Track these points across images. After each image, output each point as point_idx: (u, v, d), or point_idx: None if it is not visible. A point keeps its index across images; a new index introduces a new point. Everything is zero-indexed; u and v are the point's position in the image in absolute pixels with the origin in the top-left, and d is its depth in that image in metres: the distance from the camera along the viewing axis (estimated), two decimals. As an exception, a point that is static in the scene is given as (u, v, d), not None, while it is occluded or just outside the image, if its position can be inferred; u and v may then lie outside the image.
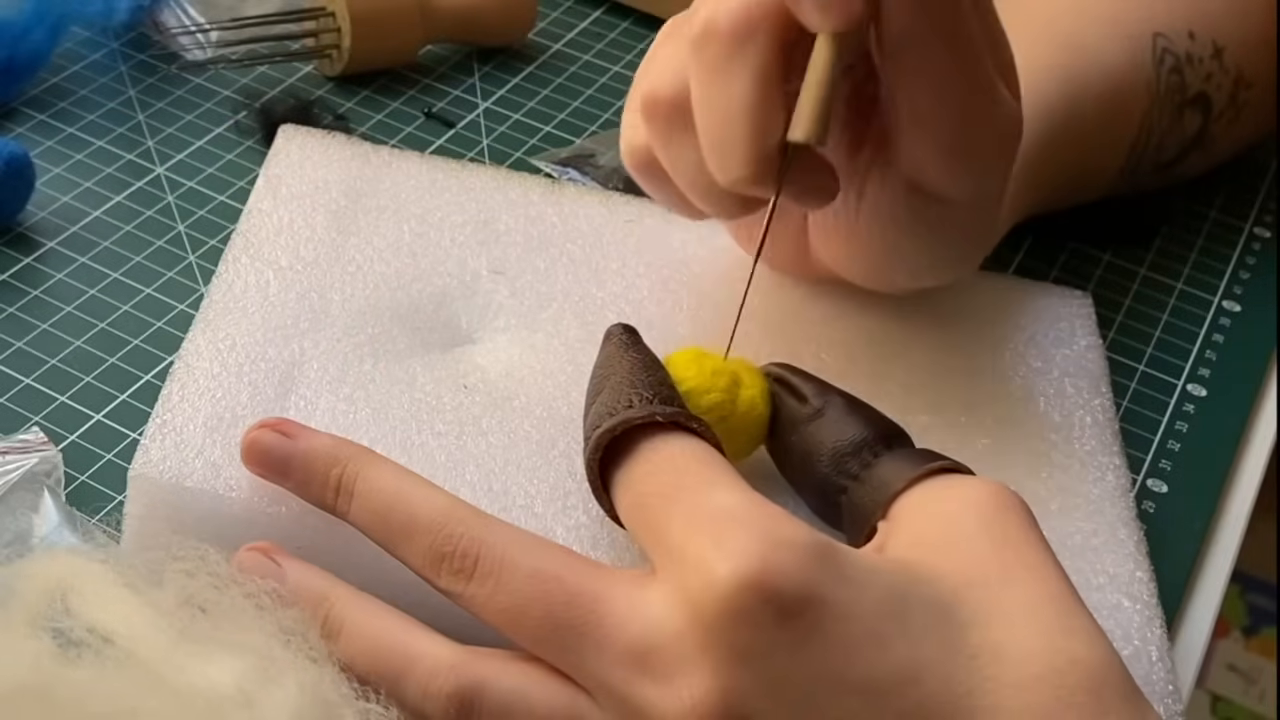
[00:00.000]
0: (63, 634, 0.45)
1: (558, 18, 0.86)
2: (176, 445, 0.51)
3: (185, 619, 0.45)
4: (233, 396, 0.53)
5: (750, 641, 0.41)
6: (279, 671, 0.44)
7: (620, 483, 0.47)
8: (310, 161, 0.63)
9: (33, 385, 0.61)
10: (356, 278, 0.58)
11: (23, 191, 0.67)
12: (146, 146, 0.73)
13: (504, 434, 0.53)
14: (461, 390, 0.55)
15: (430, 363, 0.56)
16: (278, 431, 0.49)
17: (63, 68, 0.77)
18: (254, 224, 0.60)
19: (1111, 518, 0.55)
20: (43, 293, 0.65)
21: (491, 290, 0.59)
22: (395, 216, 0.62)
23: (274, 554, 0.47)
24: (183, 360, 0.54)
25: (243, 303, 0.56)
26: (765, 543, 0.41)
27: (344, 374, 0.54)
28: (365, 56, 0.78)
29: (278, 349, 0.55)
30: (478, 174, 0.65)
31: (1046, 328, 0.62)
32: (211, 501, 0.50)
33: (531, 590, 0.44)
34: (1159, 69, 0.71)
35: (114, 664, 0.44)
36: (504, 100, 0.80)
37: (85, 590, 0.45)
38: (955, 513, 0.45)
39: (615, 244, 0.62)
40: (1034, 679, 0.41)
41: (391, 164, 0.64)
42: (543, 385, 0.55)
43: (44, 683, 0.42)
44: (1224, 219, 0.80)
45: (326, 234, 0.60)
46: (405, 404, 0.54)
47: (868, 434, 0.49)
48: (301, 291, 0.57)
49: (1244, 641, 1.44)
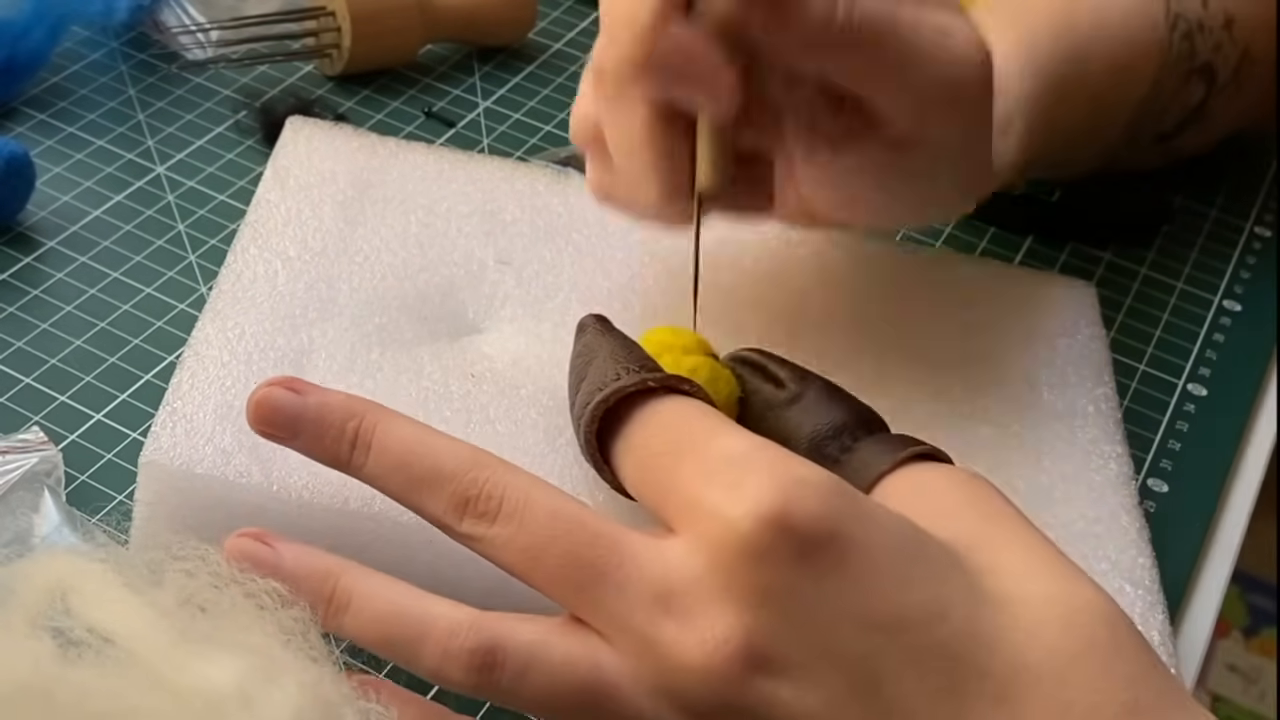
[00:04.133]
0: (63, 634, 0.45)
1: (558, 18, 0.86)
2: (187, 432, 0.51)
3: (185, 619, 0.45)
4: (242, 385, 0.53)
5: (772, 580, 0.40)
6: (279, 671, 0.44)
7: (621, 451, 0.47)
8: (318, 152, 0.63)
9: (33, 385, 0.61)
10: (364, 267, 0.59)
11: (23, 191, 0.67)
12: (147, 146, 0.73)
13: (511, 422, 0.54)
14: (469, 379, 0.55)
15: (437, 352, 0.56)
16: (288, 388, 0.47)
17: (63, 67, 0.77)
18: (262, 214, 0.60)
19: (1114, 505, 0.55)
20: (43, 292, 0.65)
21: (498, 280, 0.60)
22: (402, 207, 0.62)
23: (266, 538, 0.46)
24: (192, 349, 0.54)
25: (251, 292, 0.57)
26: (782, 481, 0.41)
27: (352, 363, 0.55)
28: (365, 56, 0.78)
29: (286, 338, 0.55)
30: (484, 165, 0.65)
31: (1049, 317, 0.62)
32: (221, 488, 0.50)
33: (554, 529, 0.44)
34: (1171, 33, 0.71)
35: (114, 664, 0.44)
36: (504, 100, 0.79)
37: (85, 590, 0.45)
38: (939, 492, 0.45)
39: (621, 234, 0.62)
40: (1053, 619, 0.41)
41: (398, 155, 0.64)
42: (549, 374, 0.56)
43: (44, 683, 0.42)
44: (1224, 218, 0.80)
45: (334, 224, 0.60)
46: (413, 393, 0.54)
47: (846, 419, 0.49)
48: (310, 281, 0.58)
49: (1244, 641, 1.44)
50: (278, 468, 0.50)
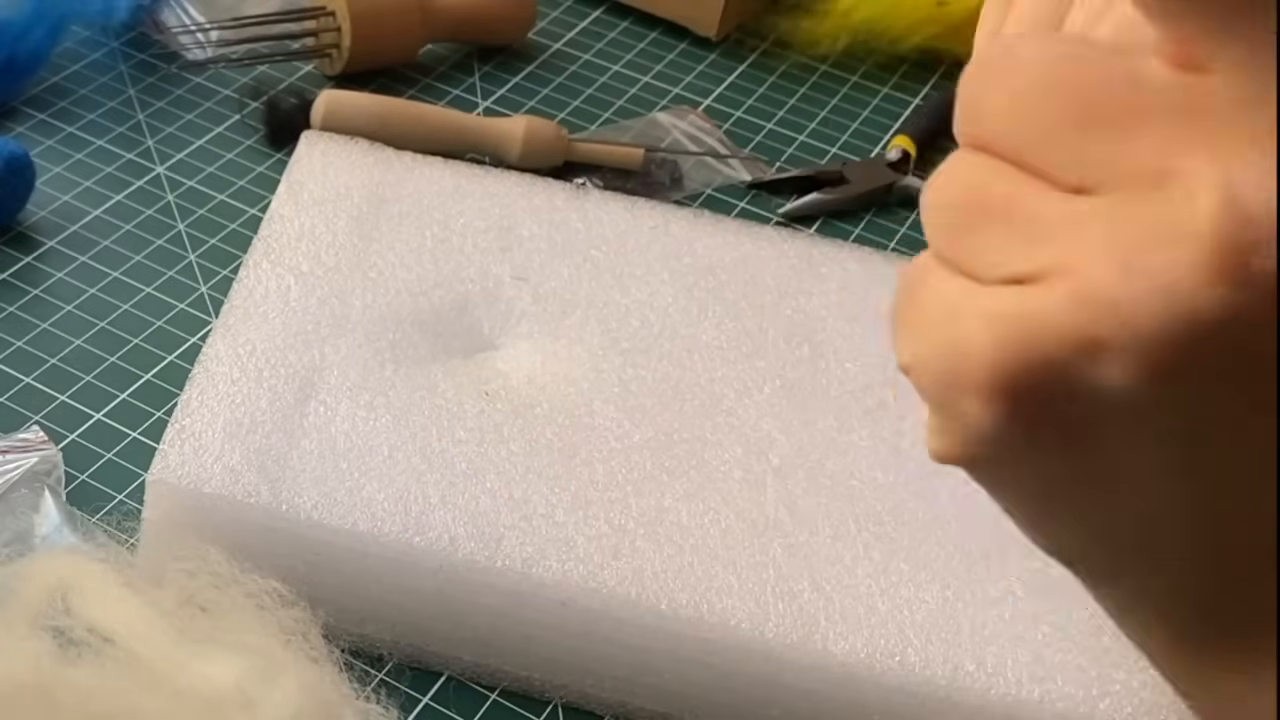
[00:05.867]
0: (63, 634, 0.45)
1: (558, 17, 0.86)
2: (195, 450, 0.51)
3: (185, 619, 0.45)
4: (252, 402, 0.52)
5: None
6: (279, 671, 0.44)
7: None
8: (333, 167, 0.63)
9: (33, 384, 0.61)
10: (378, 283, 0.58)
11: (23, 190, 0.67)
12: (146, 146, 0.73)
13: (525, 441, 0.53)
14: (483, 397, 0.54)
15: (451, 369, 0.56)
16: None
17: (63, 67, 0.77)
18: (275, 229, 0.60)
19: None
20: (43, 292, 0.65)
21: (514, 297, 0.59)
22: (418, 222, 0.61)
23: None
24: (202, 365, 0.54)
25: (263, 308, 0.56)
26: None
27: (364, 380, 0.54)
28: (365, 56, 0.78)
29: (298, 354, 0.55)
30: (502, 180, 0.64)
31: None
32: (230, 507, 0.50)
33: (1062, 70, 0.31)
34: None
35: (114, 664, 0.44)
36: (504, 100, 0.79)
37: (85, 590, 0.45)
38: None
39: (639, 250, 0.62)
40: None
41: (415, 169, 0.64)
42: (565, 392, 0.55)
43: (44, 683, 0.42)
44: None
45: (348, 239, 0.60)
46: (426, 410, 0.53)
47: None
48: (322, 297, 0.57)
49: (1244, 641, 1.44)
50: (286, 487, 0.50)
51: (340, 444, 0.52)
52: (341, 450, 0.51)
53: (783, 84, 0.84)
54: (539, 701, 0.52)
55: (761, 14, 0.88)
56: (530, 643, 0.51)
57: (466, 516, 0.50)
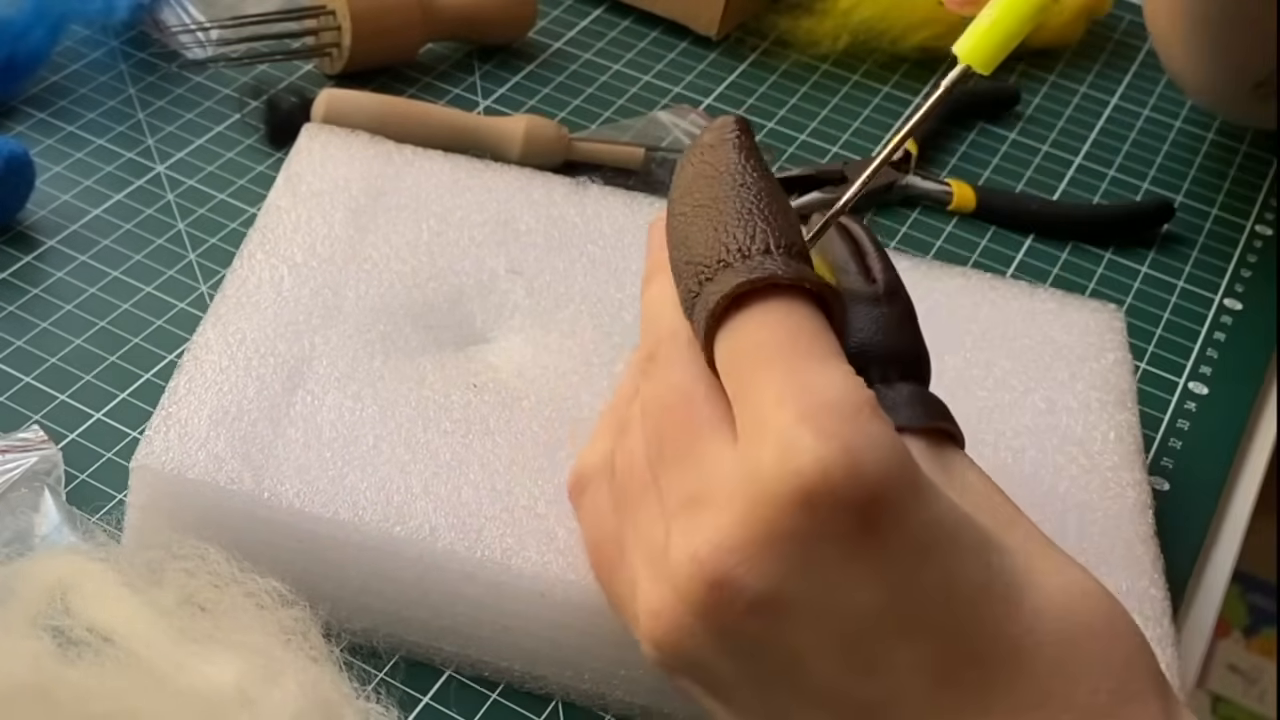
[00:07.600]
0: (63, 633, 0.45)
1: (558, 16, 0.86)
2: (180, 437, 0.51)
3: (185, 618, 0.45)
4: (239, 390, 0.53)
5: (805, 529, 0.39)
6: (279, 671, 0.44)
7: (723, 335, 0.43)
8: (332, 159, 0.63)
9: (33, 383, 0.61)
10: (372, 275, 0.58)
11: (23, 190, 0.67)
12: (146, 145, 0.73)
13: (511, 434, 0.53)
14: (471, 389, 0.55)
15: (441, 361, 0.56)
16: None
17: (63, 66, 0.77)
18: (271, 220, 0.60)
19: (1129, 534, 0.54)
20: (43, 291, 0.65)
21: (508, 290, 0.59)
22: (415, 215, 0.61)
23: None
24: (191, 354, 0.54)
25: (255, 298, 0.56)
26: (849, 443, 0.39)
27: (353, 371, 0.54)
28: (365, 55, 0.78)
29: (288, 344, 0.55)
30: (501, 174, 0.64)
31: (1074, 340, 0.61)
32: (213, 494, 0.50)
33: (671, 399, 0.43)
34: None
35: (114, 663, 0.44)
36: (504, 99, 0.79)
37: (85, 590, 0.45)
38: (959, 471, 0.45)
39: (637, 246, 0.61)
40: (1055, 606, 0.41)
41: (414, 162, 0.64)
42: (554, 386, 0.55)
43: (44, 682, 0.42)
44: (1225, 217, 0.80)
45: (344, 231, 0.60)
46: (413, 401, 0.54)
47: (903, 352, 0.46)
48: (315, 288, 0.57)
49: (1244, 641, 1.44)
50: (269, 475, 0.50)
51: (325, 433, 0.52)
52: (326, 439, 0.51)
53: (783, 83, 0.84)
54: (540, 701, 0.52)
55: (762, 13, 0.88)
56: (509, 634, 0.51)
57: (448, 507, 0.50)
